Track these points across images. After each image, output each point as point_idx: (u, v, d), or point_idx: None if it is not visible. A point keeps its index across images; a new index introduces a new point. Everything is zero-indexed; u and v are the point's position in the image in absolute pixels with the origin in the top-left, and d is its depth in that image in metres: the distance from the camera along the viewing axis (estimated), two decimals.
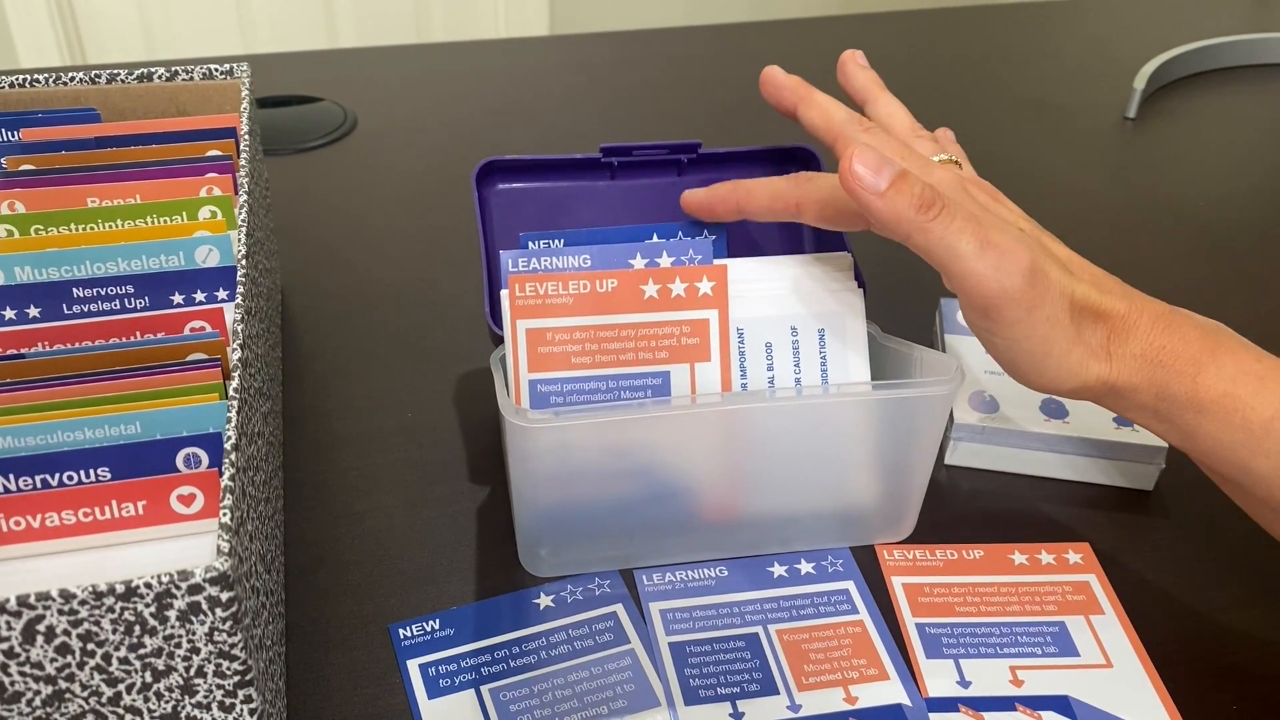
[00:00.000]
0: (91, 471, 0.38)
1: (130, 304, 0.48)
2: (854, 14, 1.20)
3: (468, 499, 0.57)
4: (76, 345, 0.45)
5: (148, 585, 0.32)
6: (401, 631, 0.49)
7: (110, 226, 0.52)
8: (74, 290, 0.47)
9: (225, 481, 0.36)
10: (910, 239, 0.45)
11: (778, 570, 0.53)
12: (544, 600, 0.51)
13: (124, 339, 0.46)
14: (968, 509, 0.57)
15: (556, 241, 0.56)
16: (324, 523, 0.55)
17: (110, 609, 0.33)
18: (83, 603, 0.32)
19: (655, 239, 0.56)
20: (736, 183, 0.54)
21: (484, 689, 0.47)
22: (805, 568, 0.53)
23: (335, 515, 0.55)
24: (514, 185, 0.60)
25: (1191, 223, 0.83)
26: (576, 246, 0.53)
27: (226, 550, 0.34)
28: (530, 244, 0.55)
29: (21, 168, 0.55)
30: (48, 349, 0.45)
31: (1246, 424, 0.44)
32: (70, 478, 0.38)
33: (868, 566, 0.53)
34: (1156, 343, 0.45)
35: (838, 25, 1.17)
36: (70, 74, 0.63)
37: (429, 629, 0.50)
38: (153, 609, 0.33)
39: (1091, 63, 1.08)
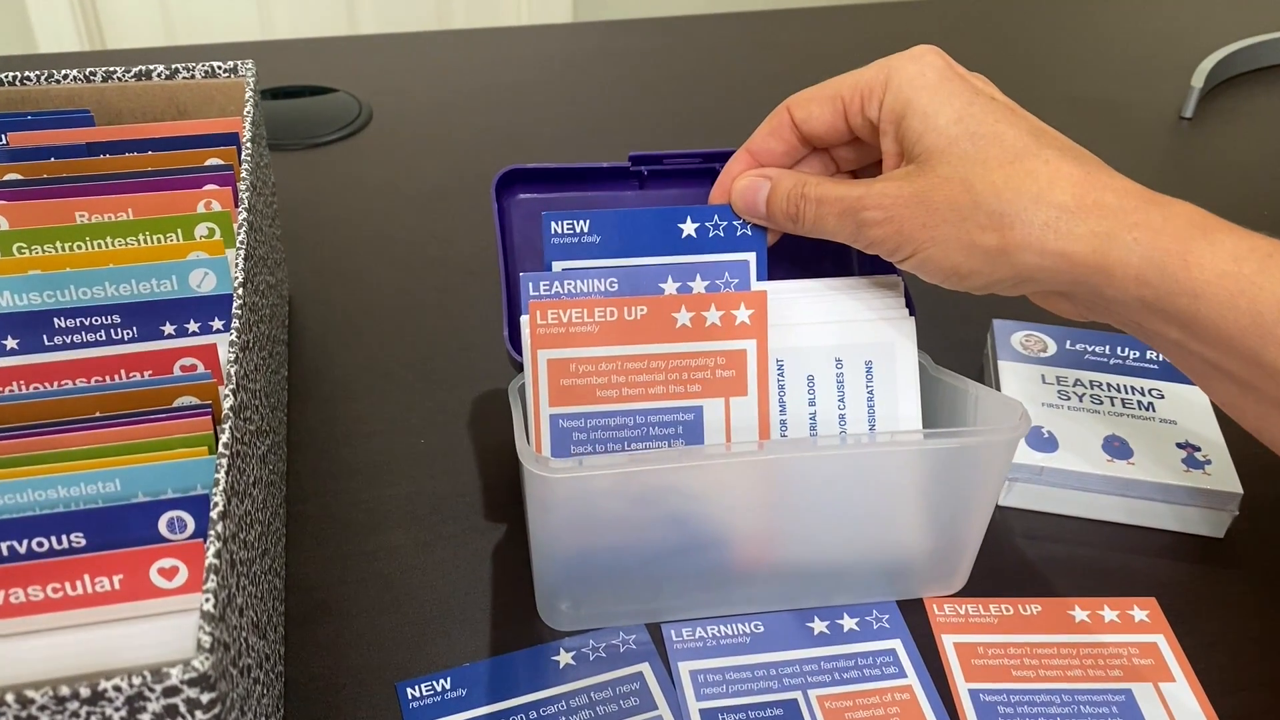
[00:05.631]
0: (64, 538, 0.34)
1: (117, 334, 0.44)
2: (900, 1, 1.15)
3: (483, 537, 0.53)
4: (55, 386, 0.41)
5: (116, 688, 0.29)
6: (410, 690, 0.46)
7: (99, 245, 0.48)
8: (55, 320, 0.43)
9: (210, 559, 0.32)
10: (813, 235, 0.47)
11: (818, 626, 0.49)
12: (564, 657, 0.47)
13: (108, 378, 0.42)
14: (1023, 556, 0.53)
15: (583, 223, 0.51)
16: (328, 563, 0.51)
17: (74, 714, 0.29)
18: (42, 708, 0.28)
19: (689, 221, 0.51)
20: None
21: None
22: (848, 623, 0.49)
23: (341, 554, 0.52)
24: (537, 195, 0.55)
25: (1250, 229, 0.78)
26: (604, 265, 0.49)
27: (208, 645, 0.30)
28: (553, 224, 0.50)
29: (7, 177, 0.51)
30: (22, 390, 0.41)
31: (1255, 308, 0.38)
32: (40, 544, 0.34)
33: (916, 622, 0.49)
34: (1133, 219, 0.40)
35: (881, 12, 1.11)
36: (64, 71, 0.59)
37: (439, 688, 0.46)
38: (123, 713, 0.29)
39: (1146, 59, 1.03)
